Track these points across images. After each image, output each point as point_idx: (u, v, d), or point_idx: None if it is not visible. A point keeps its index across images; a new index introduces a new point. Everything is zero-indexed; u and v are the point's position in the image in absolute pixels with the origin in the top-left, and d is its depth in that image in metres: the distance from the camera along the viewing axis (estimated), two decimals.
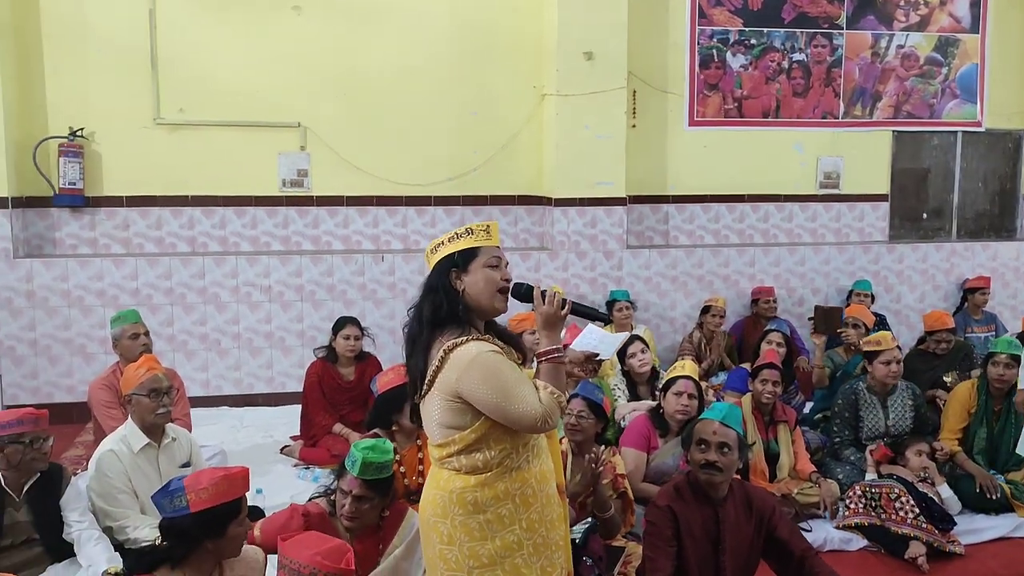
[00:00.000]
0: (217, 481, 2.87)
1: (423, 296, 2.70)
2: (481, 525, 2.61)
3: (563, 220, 7.29)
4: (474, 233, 2.70)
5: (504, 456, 2.62)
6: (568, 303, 2.70)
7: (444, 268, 2.68)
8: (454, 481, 2.63)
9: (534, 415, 2.52)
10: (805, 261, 7.89)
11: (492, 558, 2.61)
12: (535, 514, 2.67)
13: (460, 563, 2.63)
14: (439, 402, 2.61)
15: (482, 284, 2.65)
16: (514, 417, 2.53)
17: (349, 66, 7.12)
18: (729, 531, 3.36)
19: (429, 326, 2.64)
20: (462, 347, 2.56)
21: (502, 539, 2.62)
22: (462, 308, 2.64)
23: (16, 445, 3.63)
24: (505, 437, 2.61)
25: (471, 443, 2.60)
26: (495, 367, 2.55)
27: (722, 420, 3.39)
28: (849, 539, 4.53)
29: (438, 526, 2.66)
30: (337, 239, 7.29)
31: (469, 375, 2.53)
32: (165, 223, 7.00)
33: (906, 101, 8.16)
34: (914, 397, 5.26)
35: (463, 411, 2.58)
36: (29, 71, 6.65)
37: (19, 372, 6.57)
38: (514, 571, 2.63)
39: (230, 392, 6.93)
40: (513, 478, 2.63)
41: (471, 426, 2.59)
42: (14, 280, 6.50)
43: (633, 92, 7.50)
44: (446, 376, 2.57)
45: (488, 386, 2.52)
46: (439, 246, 2.72)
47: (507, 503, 2.62)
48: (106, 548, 3.68)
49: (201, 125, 6.95)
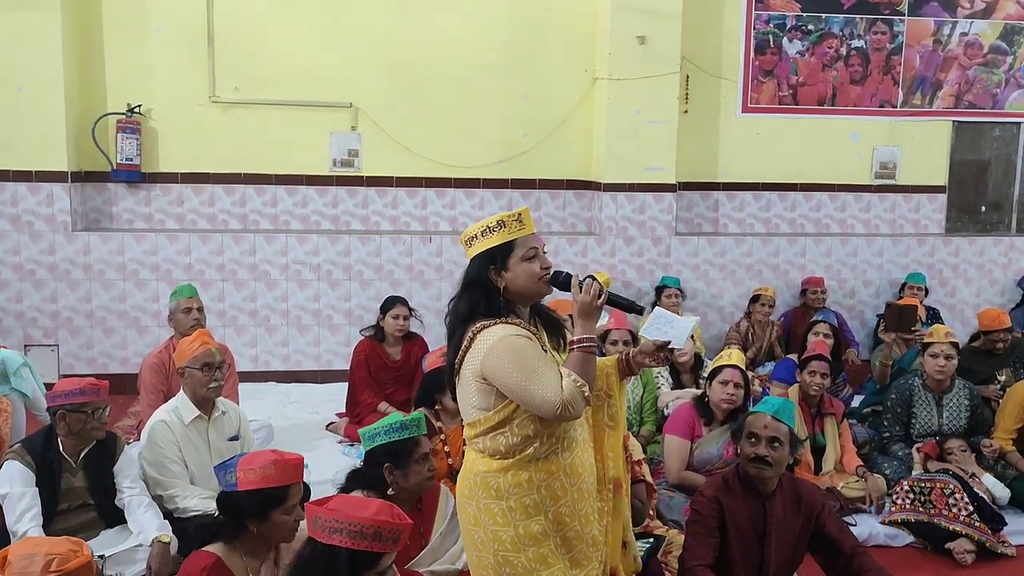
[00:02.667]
0: (266, 465, 2.89)
1: (462, 290, 2.71)
2: (504, 511, 2.62)
3: (612, 205, 7.25)
4: (506, 226, 2.66)
5: (526, 444, 2.61)
6: (605, 293, 2.67)
7: (482, 265, 2.67)
8: (479, 464, 2.67)
9: (554, 401, 2.50)
10: (857, 252, 7.75)
11: (515, 544, 2.62)
12: (565, 508, 2.65)
13: (486, 544, 2.66)
14: (469, 383, 2.65)
15: (523, 279, 2.66)
16: (534, 401, 2.52)
17: (402, 47, 7.14)
18: (775, 525, 3.32)
19: (463, 321, 2.66)
20: (489, 329, 2.59)
21: (525, 528, 2.62)
22: (502, 303, 2.66)
23: (78, 414, 3.73)
24: (529, 424, 2.60)
25: (494, 425, 2.62)
26: (519, 349, 2.55)
27: (774, 414, 3.33)
28: (895, 535, 4.47)
29: (466, 507, 2.71)
30: (386, 219, 7.34)
31: (492, 356, 2.56)
32: (218, 200, 7.11)
33: (968, 90, 7.94)
34: (971, 397, 5.13)
35: (488, 392, 2.61)
36: (89, 48, 6.79)
37: (75, 342, 6.74)
38: (539, 559, 2.63)
39: (278, 368, 7.04)
40: (538, 468, 2.63)
41: (495, 408, 2.61)
42: (72, 252, 6.66)
43: (686, 77, 7.41)
44: (473, 356, 2.60)
45: (510, 367, 2.53)
46: (473, 239, 2.69)
47: (532, 493, 2.62)
48: (155, 515, 3.78)
49: (255, 104, 7.03)
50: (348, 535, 2.36)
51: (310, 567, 2.44)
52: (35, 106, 6.46)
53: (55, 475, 3.75)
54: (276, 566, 3.04)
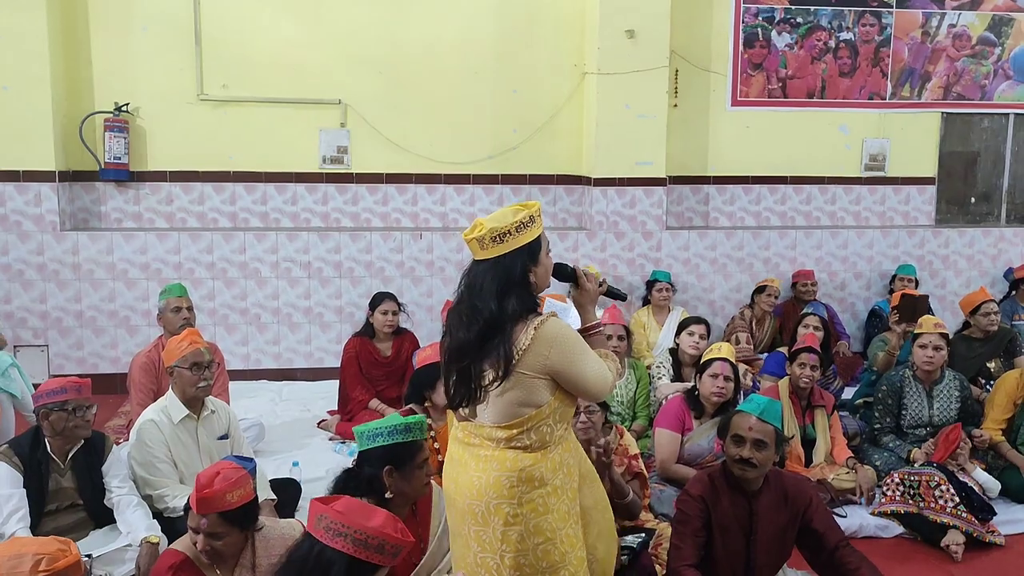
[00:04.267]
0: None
1: (503, 290, 2.64)
2: (544, 497, 2.69)
3: (602, 200, 7.24)
4: (535, 221, 2.71)
5: (564, 429, 2.77)
6: (604, 283, 2.94)
7: (521, 262, 2.67)
8: (522, 460, 2.68)
9: (608, 380, 2.75)
10: (848, 244, 7.77)
11: (553, 531, 2.69)
12: (576, 481, 2.83)
13: (526, 540, 2.67)
14: (530, 380, 2.65)
15: (544, 273, 2.77)
16: (595, 383, 2.71)
17: (390, 43, 7.12)
18: (762, 523, 3.32)
19: (514, 320, 2.64)
20: (546, 323, 2.66)
21: (557, 510, 2.71)
22: (536, 297, 2.75)
23: (60, 412, 3.72)
24: (568, 411, 2.77)
25: (544, 418, 2.68)
26: (574, 337, 2.71)
27: (760, 415, 3.30)
28: (885, 526, 4.48)
29: (502, 508, 2.67)
30: (376, 216, 7.33)
31: (558, 347, 2.64)
32: (207, 198, 7.09)
33: (956, 82, 7.96)
34: (961, 388, 5.12)
35: (545, 387, 2.67)
36: (76, 47, 6.75)
37: (65, 343, 6.72)
38: (574, 539, 2.75)
39: (269, 366, 7.03)
40: (564, 448, 2.77)
41: (547, 401, 2.68)
42: (61, 252, 6.64)
43: (675, 71, 7.41)
44: (537, 352, 2.63)
45: (574, 355, 2.67)
46: (505, 235, 2.64)
47: (560, 472, 2.74)
48: (145, 515, 3.77)
49: (243, 101, 7.01)
50: (352, 542, 2.35)
51: (305, 566, 2.42)
52: (22, 105, 6.42)
53: (43, 476, 3.74)
54: (253, 571, 3.03)
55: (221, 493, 2.87)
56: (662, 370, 5.53)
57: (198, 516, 2.89)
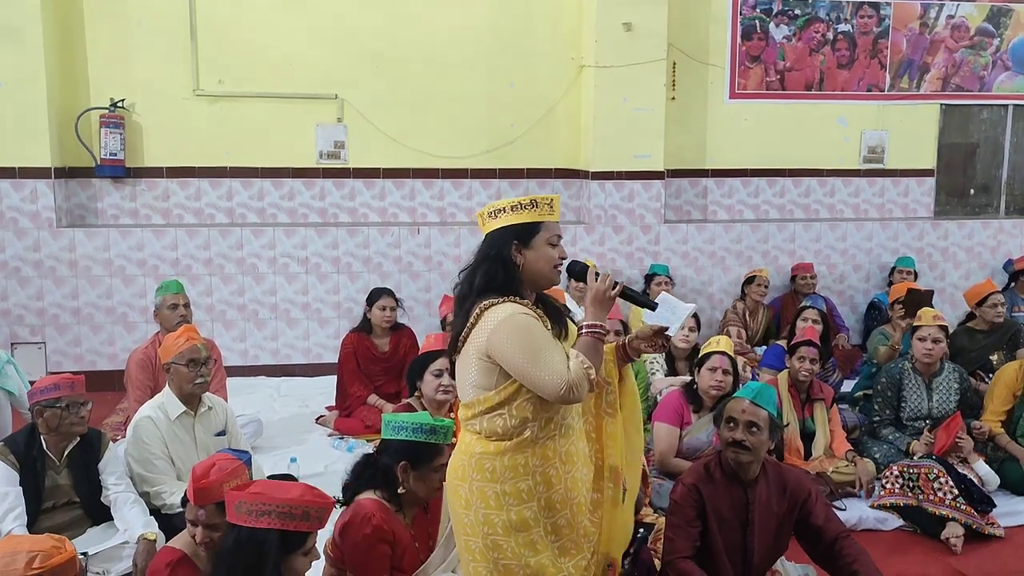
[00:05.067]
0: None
1: (478, 262, 2.68)
2: (497, 495, 2.61)
3: (600, 194, 7.22)
4: (538, 206, 2.66)
5: (523, 426, 2.60)
6: (620, 285, 2.72)
7: (505, 239, 2.65)
8: (475, 445, 2.65)
9: (559, 381, 2.50)
10: (847, 237, 7.75)
11: (506, 528, 2.61)
12: (557, 495, 2.65)
13: (475, 528, 2.64)
14: (472, 360, 2.62)
15: (542, 262, 2.66)
16: (539, 381, 2.51)
17: (387, 37, 7.09)
18: (759, 513, 3.30)
19: (478, 292, 2.63)
20: (497, 307, 2.57)
21: (518, 513, 2.61)
22: (517, 281, 2.65)
23: (54, 409, 3.72)
24: (528, 407, 2.60)
25: (494, 406, 2.60)
26: (526, 328, 2.55)
27: (753, 399, 3.30)
28: (884, 519, 4.47)
29: (458, 490, 2.68)
30: (373, 211, 7.31)
31: (499, 333, 2.54)
32: (204, 194, 7.07)
33: (955, 73, 7.93)
34: (960, 380, 5.11)
35: (491, 371, 2.59)
36: (71, 43, 6.72)
37: (63, 340, 6.70)
38: (528, 545, 2.62)
39: (267, 362, 7.01)
40: (534, 452, 2.61)
41: (496, 387, 2.59)
42: (57, 249, 6.62)
43: (673, 64, 7.38)
44: (479, 333, 2.58)
45: (516, 345, 2.52)
46: (499, 212, 2.67)
47: (527, 479, 2.61)
48: (142, 512, 3.76)
49: (240, 97, 6.98)
50: (277, 516, 2.42)
51: (239, 553, 2.47)
52: (17, 102, 6.39)
53: (39, 473, 3.73)
54: None
55: (218, 483, 2.88)
56: (655, 365, 5.52)
57: (195, 508, 2.91)
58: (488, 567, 2.64)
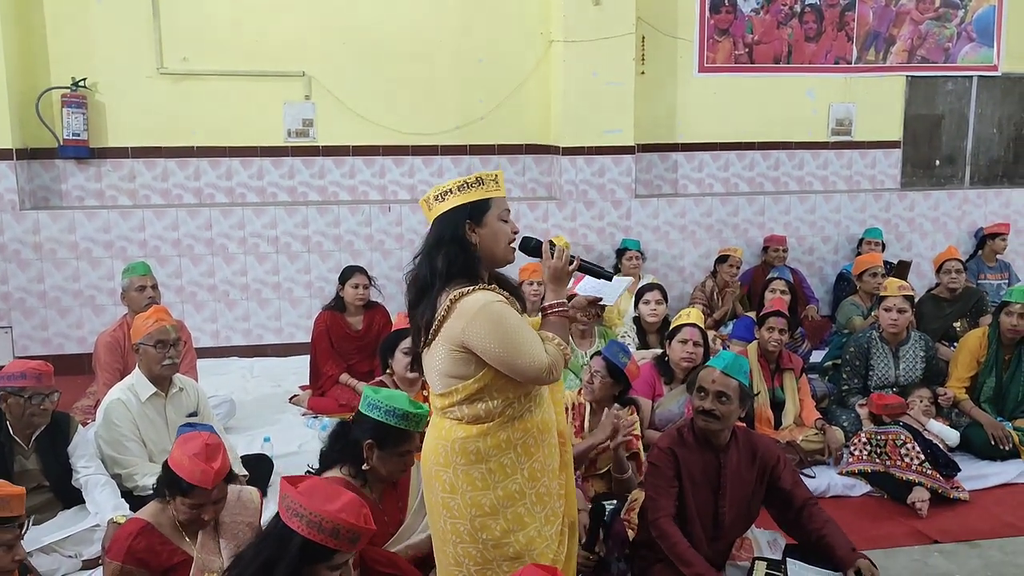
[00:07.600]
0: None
1: (434, 247, 2.63)
2: (483, 475, 2.62)
3: (571, 169, 7.22)
4: (484, 183, 2.64)
5: (506, 405, 2.61)
6: (576, 260, 2.73)
7: (458, 219, 2.62)
8: (456, 431, 2.63)
9: (540, 366, 2.53)
10: (816, 209, 7.82)
11: (494, 507, 2.62)
12: (537, 463, 2.67)
13: (462, 511, 2.64)
14: (443, 351, 2.59)
15: (496, 239, 2.64)
16: (520, 368, 2.52)
17: (354, 14, 7.01)
18: (730, 478, 3.36)
19: (443, 278, 2.59)
20: (469, 296, 2.54)
21: (504, 488, 2.63)
22: (476, 260, 2.62)
23: (17, 398, 3.68)
24: (508, 387, 2.60)
25: (473, 393, 2.59)
26: (502, 317, 2.53)
27: (724, 369, 3.35)
28: (852, 485, 4.56)
29: (440, 475, 2.66)
30: (343, 189, 7.26)
31: (475, 325, 2.51)
32: (171, 174, 6.97)
33: (920, 45, 7.99)
34: (926, 348, 5.21)
35: (467, 361, 2.57)
36: (30, 21, 6.58)
37: (29, 324, 6.61)
38: (516, 519, 2.64)
39: (239, 343, 6.97)
40: (515, 427, 2.63)
41: (474, 376, 2.58)
42: (21, 232, 6.51)
43: (642, 38, 7.37)
44: (452, 325, 2.55)
45: (495, 336, 2.51)
46: (446, 194, 2.63)
47: (509, 452, 2.63)
48: (112, 494, 3.75)
49: (205, 75, 6.88)
50: (307, 523, 2.33)
51: (265, 542, 2.44)
52: None
53: (6, 458, 3.70)
54: (216, 529, 3.09)
55: (223, 460, 3.00)
56: (627, 339, 5.55)
57: (210, 490, 2.98)
58: (478, 547, 2.65)
